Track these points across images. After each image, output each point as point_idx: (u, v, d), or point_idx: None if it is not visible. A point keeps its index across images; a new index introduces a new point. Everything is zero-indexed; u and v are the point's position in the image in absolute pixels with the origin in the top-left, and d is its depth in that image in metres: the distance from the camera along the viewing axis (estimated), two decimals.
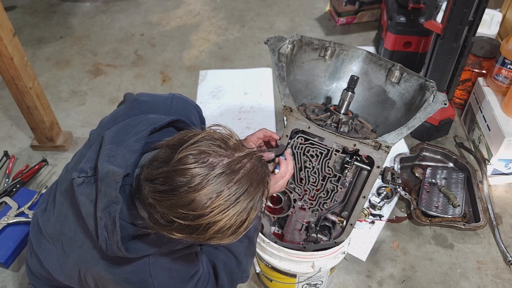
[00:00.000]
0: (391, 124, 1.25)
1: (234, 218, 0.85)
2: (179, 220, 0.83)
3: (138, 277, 0.98)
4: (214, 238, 0.87)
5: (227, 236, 0.87)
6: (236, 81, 2.51)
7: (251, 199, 0.87)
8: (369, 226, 1.80)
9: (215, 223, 0.83)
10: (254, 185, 0.87)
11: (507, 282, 1.64)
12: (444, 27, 1.78)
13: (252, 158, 0.89)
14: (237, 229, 0.87)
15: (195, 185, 0.81)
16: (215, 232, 0.85)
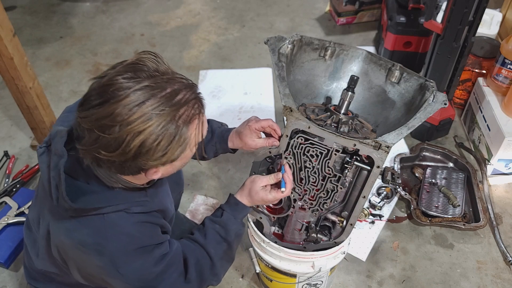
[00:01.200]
0: (391, 124, 1.25)
1: (157, 131, 0.83)
2: (104, 134, 0.82)
3: (93, 239, 0.97)
4: (141, 155, 0.85)
5: (154, 155, 0.86)
6: (236, 81, 2.51)
7: (177, 117, 0.86)
8: (369, 226, 1.80)
9: (138, 134, 0.82)
10: (183, 107, 0.87)
11: (507, 282, 1.64)
12: (444, 27, 1.78)
13: (186, 87, 0.90)
14: (165, 149, 0.86)
15: (119, 95, 0.82)
16: (140, 146, 0.83)
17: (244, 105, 2.36)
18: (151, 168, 0.92)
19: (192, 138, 0.92)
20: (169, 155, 0.89)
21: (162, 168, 0.95)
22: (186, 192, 1.97)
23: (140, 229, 1.02)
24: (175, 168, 0.99)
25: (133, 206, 1.00)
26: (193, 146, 0.95)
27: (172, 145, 0.87)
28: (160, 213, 1.11)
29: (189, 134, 0.90)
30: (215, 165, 2.07)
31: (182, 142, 0.89)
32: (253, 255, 1.47)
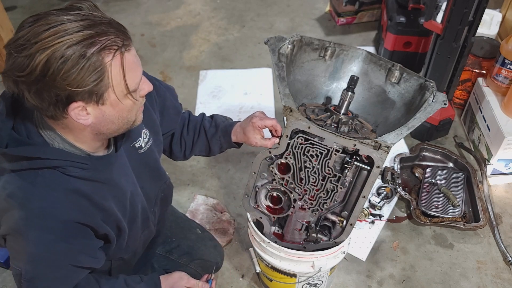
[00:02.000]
0: (391, 124, 1.25)
1: (64, 49, 0.79)
2: (18, 54, 0.80)
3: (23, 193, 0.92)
4: (49, 76, 0.80)
5: (63, 77, 0.80)
6: (236, 81, 2.51)
7: (90, 41, 0.81)
8: (369, 226, 1.80)
9: (45, 50, 0.79)
10: (102, 36, 0.82)
11: (507, 282, 1.64)
12: (444, 27, 1.78)
13: (113, 25, 0.85)
14: (73, 71, 0.80)
15: (43, 17, 0.83)
16: (46, 62, 0.79)
17: (244, 105, 2.37)
18: (72, 103, 0.85)
19: (111, 71, 0.85)
20: (79, 80, 0.82)
21: (89, 109, 0.88)
22: (186, 192, 1.97)
23: (72, 198, 0.94)
24: (106, 116, 0.91)
25: (70, 166, 0.93)
26: (120, 87, 0.88)
27: (81, 69, 0.81)
28: (107, 189, 1.01)
29: (105, 63, 0.83)
30: (215, 165, 2.08)
31: (95, 69, 0.82)
32: (253, 255, 1.47)
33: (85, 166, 0.95)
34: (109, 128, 0.94)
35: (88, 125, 0.90)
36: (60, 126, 0.93)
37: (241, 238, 1.80)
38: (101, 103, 0.88)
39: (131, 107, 0.94)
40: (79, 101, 0.85)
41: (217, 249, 1.58)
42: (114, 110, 0.91)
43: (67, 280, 1.01)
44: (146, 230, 1.25)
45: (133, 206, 1.12)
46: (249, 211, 1.29)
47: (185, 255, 1.51)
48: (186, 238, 1.53)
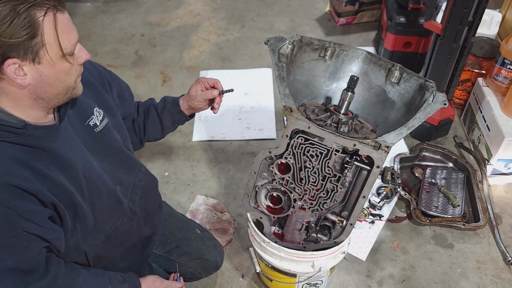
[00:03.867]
0: (391, 124, 1.25)
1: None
2: None
3: None
4: None
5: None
6: (236, 81, 2.51)
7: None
8: (369, 226, 1.81)
9: None
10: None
11: (506, 282, 1.65)
12: (444, 27, 1.78)
13: None
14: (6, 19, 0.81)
15: None
16: None
17: (244, 105, 2.37)
18: (7, 59, 0.85)
19: (44, 28, 0.86)
20: (11, 33, 0.82)
21: (26, 68, 0.88)
22: (186, 192, 1.97)
23: (5, 162, 0.90)
24: (43, 77, 0.91)
25: (3, 131, 0.91)
26: (54, 47, 0.89)
27: (12, 22, 0.82)
28: (51, 159, 0.98)
29: (37, 19, 0.85)
30: (215, 165, 2.08)
31: (27, 24, 0.83)
32: (253, 255, 1.47)
33: (19, 131, 0.92)
34: (47, 91, 0.93)
35: (26, 86, 0.90)
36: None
37: (241, 238, 1.80)
38: (37, 61, 0.88)
39: (69, 70, 0.94)
40: (15, 58, 0.85)
41: (216, 249, 1.58)
42: (51, 70, 0.91)
43: (20, 249, 0.94)
44: (123, 217, 1.20)
45: (91, 183, 1.07)
46: (249, 211, 1.29)
47: (185, 255, 1.51)
48: (185, 238, 1.53)
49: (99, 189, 1.10)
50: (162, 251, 1.50)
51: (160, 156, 2.13)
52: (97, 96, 1.15)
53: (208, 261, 1.54)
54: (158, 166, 2.08)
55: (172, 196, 1.96)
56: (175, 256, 1.50)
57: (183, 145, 2.18)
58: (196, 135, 2.22)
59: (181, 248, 1.51)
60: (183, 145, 2.18)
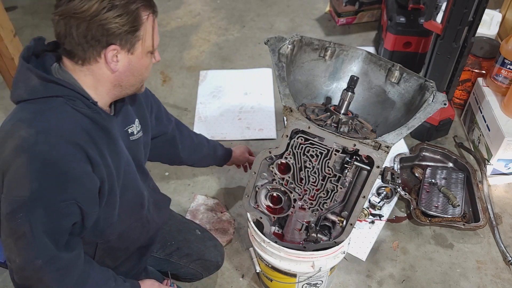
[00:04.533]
0: (391, 124, 1.25)
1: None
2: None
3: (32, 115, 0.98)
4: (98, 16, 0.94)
5: (113, 17, 0.95)
6: (236, 81, 2.51)
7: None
8: (369, 226, 1.81)
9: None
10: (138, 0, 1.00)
11: (506, 282, 1.65)
12: (444, 27, 1.78)
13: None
14: (116, 15, 0.95)
15: None
16: (103, 5, 0.94)
17: (244, 105, 2.37)
18: (110, 45, 0.98)
19: (145, 26, 1.02)
20: (121, 25, 0.96)
21: (120, 56, 1.00)
22: (186, 192, 1.97)
23: (77, 128, 0.99)
24: (133, 66, 1.04)
25: (79, 100, 1.01)
26: (148, 42, 1.04)
27: (124, 15, 0.96)
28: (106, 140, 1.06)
29: (142, 17, 1.01)
30: None
31: (134, 20, 0.99)
32: (253, 255, 1.47)
33: (92, 105, 1.03)
34: (128, 81, 1.06)
35: (115, 71, 1.02)
36: (84, 73, 1.02)
37: (241, 238, 1.80)
38: (131, 52, 1.02)
39: (148, 66, 1.09)
40: (116, 45, 0.98)
41: (217, 249, 1.58)
42: (138, 62, 1.04)
43: (59, 216, 0.98)
44: (139, 221, 1.24)
45: (126, 177, 1.14)
46: (249, 211, 1.30)
47: (185, 257, 1.51)
48: (185, 240, 1.53)
49: (130, 185, 1.17)
50: (163, 254, 1.50)
51: None
52: (139, 111, 1.26)
53: (209, 261, 1.54)
54: (158, 166, 2.07)
55: (172, 196, 1.95)
56: (175, 259, 1.50)
57: None
58: None
59: (182, 250, 1.51)
60: None
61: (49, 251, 0.98)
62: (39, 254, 0.98)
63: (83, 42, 0.97)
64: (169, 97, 2.44)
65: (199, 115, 2.32)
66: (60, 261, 1.01)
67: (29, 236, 0.96)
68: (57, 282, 1.02)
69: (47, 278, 1.00)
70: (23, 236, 0.96)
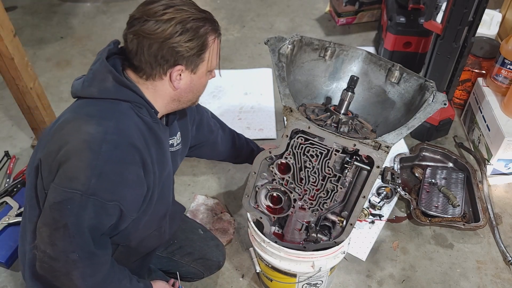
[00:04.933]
0: (391, 124, 1.25)
1: (189, 20, 1.02)
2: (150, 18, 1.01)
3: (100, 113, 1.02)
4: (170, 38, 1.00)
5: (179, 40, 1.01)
6: (236, 81, 2.51)
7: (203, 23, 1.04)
8: (369, 226, 1.81)
9: (176, 19, 1.00)
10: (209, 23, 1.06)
11: (506, 282, 1.65)
12: (444, 27, 1.78)
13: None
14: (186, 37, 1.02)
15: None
16: (176, 29, 1.00)
17: (244, 105, 2.37)
18: (177, 65, 1.04)
19: (211, 49, 1.07)
20: (190, 48, 1.03)
21: (183, 75, 1.07)
22: (186, 192, 1.97)
23: (139, 133, 1.04)
24: (194, 84, 1.10)
25: (144, 108, 1.07)
26: (210, 63, 1.09)
27: (194, 39, 1.03)
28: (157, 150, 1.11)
29: (209, 41, 1.06)
30: (216, 165, 2.08)
31: (202, 44, 1.04)
32: (253, 255, 1.47)
33: (154, 115, 1.10)
34: (187, 97, 1.13)
35: (177, 89, 1.09)
36: (146, 86, 1.08)
37: (241, 238, 1.80)
38: (194, 72, 1.08)
39: (206, 84, 1.16)
40: (182, 65, 1.05)
41: (219, 248, 1.59)
42: (198, 81, 1.11)
43: (102, 212, 1.01)
44: (157, 231, 1.28)
45: (165, 186, 1.19)
46: (249, 211, 1.30)
47: (187, 256, 1.52)
48: (188, 239, 1.54)
49: (165, 196, 1.22)
50: (165, 252, 1.51)
51: None
52: (183, 124, 1.32)
53: (211, 261, 1.54)
54: None
55: None
56: (177, 257, 1.51)
57: None
58: None
59: (184, 248, 1.52)
60: None
61: (88, 247, 1.00)
62: (78, 248, 0.99)
63: (152, 61, 1.03)
64: None
65: None
66: (96, 258, 1.03)
67: (71, 229, 0.98)
68: (86, 278, 1.03)
69: (77, 272, 1.02)
70: (63, 227, 0.98)
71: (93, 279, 1.04)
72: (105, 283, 1.08)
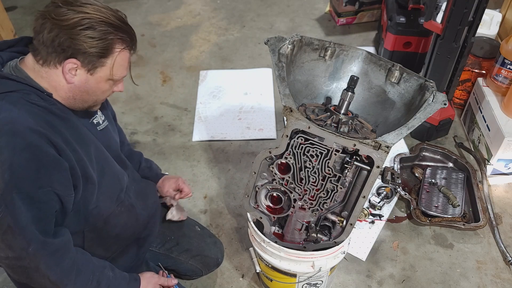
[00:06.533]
0: (391, 124, 1.25)
1: (100, 20, 1.00)
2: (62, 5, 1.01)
3: None
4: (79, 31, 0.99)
5: (87, 37, 1.00)
6: (236, 81, 2.51)
7: (115, 28, 1.03)
8: (369, 226, 1.81)
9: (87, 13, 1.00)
10: (124, 33, 1.05)
11: (506, 282, 1.65)
12: (444, 27, 1.78)
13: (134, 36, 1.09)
14: (90, 36, 1.00)
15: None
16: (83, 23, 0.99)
17: (244, 105, 2.37)
18: (72, 58, 1.01)
19: (115, 57, 1.05)
20: (91, 47, 1.01)
21: (79, 71, 1.04)
22: None
23: (36, 120, 1.00)
24: (89, 85, 1.07)
25: (34, 93, 1.03)
26: (110, 71, 1.07)
27: (99, 40, 1.01)
28: (69, 130, 1.08)
29: (115, 49, 1.04)
30: (215, 165, 2.08)
31: (106, 48, 1.03)
32: (253, 254, 1.47)
33: (47, 98, 1.05)
34: (81, 96, 1.09)
35: (70, 83, 1.05)
36: (41, 74, 1.05)
37: (241, 238, 1.80)
38: (91, 73, 1.05)
39: (105, 91, 1.12)
40: (77, 60, 1.02)
41: (217, 246, 1.59)
42: (94, 84, 1.08)
43: (40, 204, 1.00)
44: (121, 206, 1.25)
45: (99, 161, 1.16)
46: (249, 211, 1.30)
47: (185, 252, 1.51)
48: (185, 235, 1.54)
49: (106, 170, 1.19)
50: (162, 249, 1.51)
51: (160, 156, 2.13)
52: (102, 106, 1.28)
53: (209, 257, 1.54)
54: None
55: None
56: (175, 254, 1.51)
57: (183, 145, 2.18)
58: (196, 135, 2.22)
59: (181, 245, 1.52)
60: (183, 145, 2.18)
61: (37, 238, 1.00)
62: (30, 241, 0.99)
63: (49, 45, 1.01)
64: (169, 97, 2.44)
65: (199, 115, 2.32)
66: (51, 246, 1.02)
67: (15, 228, 0.97)
68: (52, 267, 1.03)
69: (43, 264, 1.02)
70: (9, 229, 0.97)
71: (61, 268, 1.05)
72: (78, 270, 1.08)
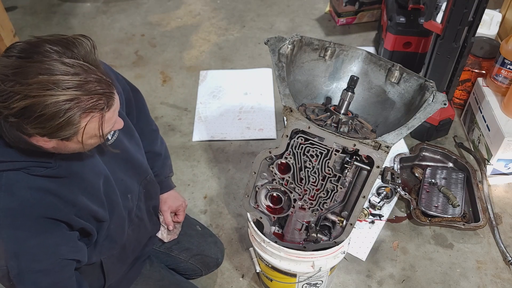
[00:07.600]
0: (391, 124, 1.25)
1: (47, 103, 0.80)
2: (2, 84, 0.79)
3: None
4: (22, 117, 0.81)
5: (34, 123, 0.82)
6: (236, 81, 2.51)
7: (75, 102, 0.83)
8: (369, 226, 1.81)
9: (28, 98, 0.79)
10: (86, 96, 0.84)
11: (506, 281, 1.65)
12: (444, 27, 1.78)
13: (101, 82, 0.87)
14: (47, 123, 0.83)
15: (36, 58, 0.81)
16: (24, 109, 0.80)
17: (244, 105, 2.37)
18: (34, 136, 0.87)
19: (85, 128, 0.88)
20: (50, 131, 0.85)
21: (53, 141, 0.89)
22: (186, 192, 1.97)
23: (37, 196, 0.95)
24: (68, 147, 0.93)
25: (34, 167, 0.95)
26: (90, 137, 0.91)
27: (57, 124, 0.84)
28: (75, 184, 1.02)
29: (82, 123, 0.86)
30: (215, 165, 2.08)
31: (71, 127, 0.85)
32: (253, 255, 1.47)
33: (49, 165, 0.97)
34: (67, 151, 0.95)
35: (48, 148, 0.92)
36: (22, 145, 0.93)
37: (241, 238, 1.80)
38: (66, 140, 0.90)
39: (95, 143, 0.97)
40: (45, 137, 0.87)
41: (217, 245, 1.59)
42: (76, 145, 0.93)
43: (55, 273, 1.01)
44: (132, 225, 1.26)
45: (109, 197, 1.13)
46: (249, 211, 1.30)
47: (185, 251, 1.52)
48: (186, 234, 1.54)
49: (116, 201, 1.17)
50: (163, 247, 1.51)
51: None
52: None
53: (209, 257, 1.54)
54: None
55: None
56: (175, 252, 1.52)
57: (183, 145, 2.18)
58: (196, 135, 2.22)
59: (182, 244, 1.52)
60: (183, 145, 2.18)
61: None
62: None
63: (3, 126, 0.87)
64: (169, 97, 2.44)
65: (199, 115, 2.32)
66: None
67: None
68: None
69: None
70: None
71: None
72: None
